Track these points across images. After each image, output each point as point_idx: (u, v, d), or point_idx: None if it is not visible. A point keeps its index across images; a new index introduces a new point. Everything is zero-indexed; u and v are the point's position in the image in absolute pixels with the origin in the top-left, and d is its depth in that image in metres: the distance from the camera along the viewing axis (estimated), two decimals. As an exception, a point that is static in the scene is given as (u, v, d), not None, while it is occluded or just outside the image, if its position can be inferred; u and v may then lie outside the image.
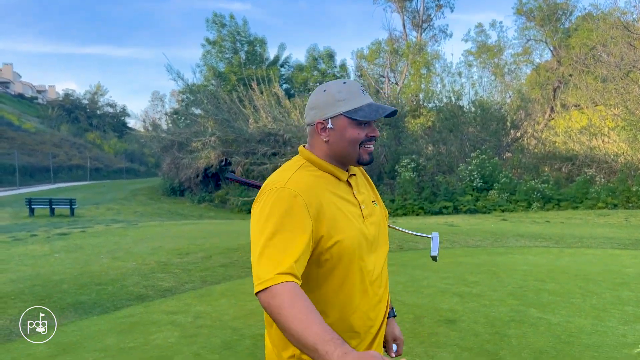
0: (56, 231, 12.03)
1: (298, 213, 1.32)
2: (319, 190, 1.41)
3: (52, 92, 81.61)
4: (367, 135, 1.47)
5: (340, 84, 1.48)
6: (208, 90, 30.49)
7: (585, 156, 21.26)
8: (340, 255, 1.38)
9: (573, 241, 9.46)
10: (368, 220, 1.51)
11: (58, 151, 48.15)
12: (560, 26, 30.33)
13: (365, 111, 1.44)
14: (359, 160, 1.49)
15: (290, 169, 1.46)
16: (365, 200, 1.56)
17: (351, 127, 1.45)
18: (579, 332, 4.33)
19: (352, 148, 1.46)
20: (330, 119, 1.46)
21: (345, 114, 1.44)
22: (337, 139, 1.46)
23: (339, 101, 1.45)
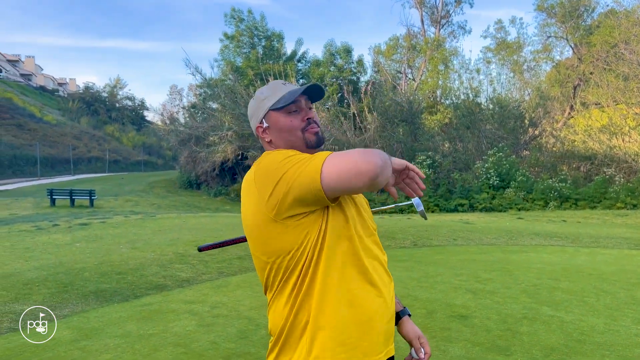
0: (77, 221, 12.30)
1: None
2: None
3: (72, 85, 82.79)
4: (303, 119, 1.49)
5: (264, 87, 1.56)
6: (225, 85, 30.67)
7: (605, 155, 20.98)
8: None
9: (589, 241, 9.42)
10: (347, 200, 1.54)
11: (78, 143, 48.91)
12: (582, 23, 29.90)
13: (285, 97, 1.48)
14: (307, 144, 1.48)
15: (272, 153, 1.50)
16: None
17: (282, 117, 1.48)
18: (591, 331, 4.36)
19: (293, 136, 1.48)
20: (263, 119, 1.51)
21: (271, 107, 1.48)
22: (277, 134, 1.49)
23: (264, 100, 1.51)
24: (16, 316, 4.71)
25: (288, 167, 1.31)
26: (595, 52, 25.17)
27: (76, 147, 47.09)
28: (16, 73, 67.55)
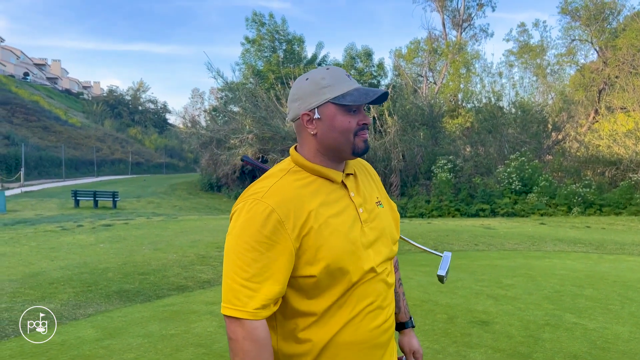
0: (100, 222, 12.53)
1: (272, 234, 1.20)
2: (302, 202, 1.27)
3: (96, 88, 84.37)
4: (359, 123, 1.34)
5: (324, 71, 1.35)
6: (246, 89, 30.95)
7: (631, 160, 20.57)
8: (328, 277, 1.26)
9: (614, 247, 9.25)
10: (367, 226, 1.36)
11: (101, 145, 49.85)
12: (607, 26, 29.40)
13: (354, 95, 1.31)
14: (354, 150, 1.35)
15: (275, 176, 1.33)
16: (366, 202, 1.41)
17: (341, 115, 1.31)
18: (615, 339, 4.28)
19: (344, 138, 1.32)
20: (316, 108, 1.32)
21: (333, 100, 1.30)
22: (327, 130, 1.32)
23: (324, 87, 1.31)
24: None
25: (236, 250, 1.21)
26: (620, 56, 24.74)
27: (100, 149, 48.00)
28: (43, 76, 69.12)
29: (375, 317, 1.35)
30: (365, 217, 1.37)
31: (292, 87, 1.38)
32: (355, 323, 1.30)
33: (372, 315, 1.34)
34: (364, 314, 1.32)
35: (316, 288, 1.27)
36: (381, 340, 1.37)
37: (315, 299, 1.28)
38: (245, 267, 1.19)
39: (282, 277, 1.21)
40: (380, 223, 1.41)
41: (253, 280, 1.18)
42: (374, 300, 1.34)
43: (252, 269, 1.18)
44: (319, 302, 1.28)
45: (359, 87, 1.34)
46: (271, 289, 1.19)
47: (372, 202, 1.43)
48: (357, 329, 1.30)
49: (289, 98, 1.39)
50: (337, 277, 1.26)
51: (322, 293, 1.27)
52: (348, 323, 1.29)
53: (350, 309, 1.30)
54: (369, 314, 1.33)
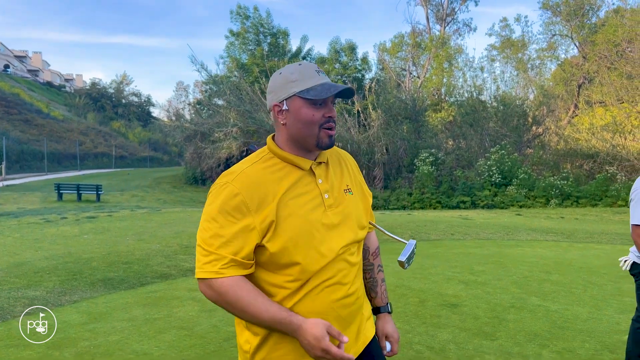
0: (84, 215, 12.59)
1: (235, 212, 1.37)
2: (267, 186, 1.41)
3: (79, 81, 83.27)
4: (324, 115, 1.44)
5: (295, 66, 1.47)
6: (231, 82, 30.94)
7: (607, 154, 21.09)
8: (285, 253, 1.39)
9: (584, 236, 9.61)
10: (331, 211, 1.48)
11: (84, 139, 49.37)
12: (587, 21, 29.90)
13: (318, 90, 1.42)
14: (318, 143, 1.46)
15: (248, 161, 1.49)
16: (333, 189, 1.52)
17: (306, 108, 1.43)
18: (574, 319, 4.57)
19: (308, 130, 1.44)
20: (284, 100, 1.45)
21: (298, 94, 1.42)
22: (293, 121, 1.44)
23: (292, 82, 1.44)
24: (28, 301, 4.97)
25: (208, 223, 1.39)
26: (599, 51, 25.23)
27: (83, 143, 47.56)
28: (23, 69, 68.09)
29: (334, 291, 1.45)
30: (330, 202, 1.48)
31: (269, 81, 1.53)
32: (312, 295, 1.42)
33: (331, 289, 1.44)
34: (321, 287, 1.43)
35: (275, 262, 1.40)
36: (341, 314, 1.47)
37: (276, 273, 1.42)
38: (212, 241, 1.36)
39: (240, 248, 1.36)
40: (345, 208, 1.52)
41: (219, 249, 1.35)
42: (332, 276, 1.44)
43: (218, 242, 1.36)
44: (279, 275, 1.42)
45: (325, 82, 1.44)
46: (232, 255, 1.35)
47: (340, 189, 1.54)
48: (314, 301, 1.42)
49: (267, 90, 1.52)
50: (293, 253, 1.39)
51: (282, 267, 1.41)
52: (306, 295, 1.42)
53: (309, 283, 1.42)
54: (327, 288, 1.44)
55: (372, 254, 1.74)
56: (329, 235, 1.45)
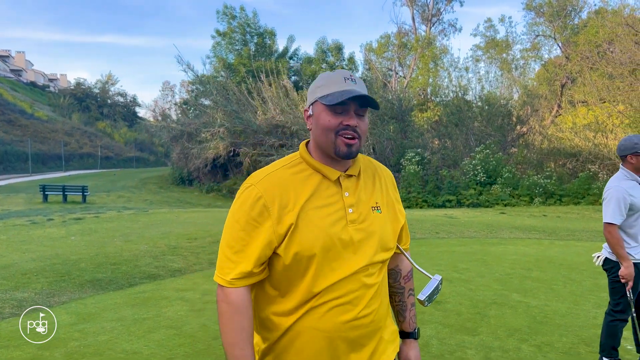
0: (71, 216, 12.55)
1: (258, 216, 1.36)
2: (289, 191, 1.39)
3: (63, 81, 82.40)
4: (342, 123, 1.39)
5: (328, 73, 1.46)
6: (217, 82, 30.92)
7: (590, 152, 21.43)
8: (297, 263, 1.37)
9: (565, 234, 9.82)
10: (353, 226, 1.41)
11: (69, 139, 48.93)
12: (569, 22, 30.38)
13: (335, 95, 1.38)
14: (336, 151, 1.40)
15: (276, 165, 1.47)
16: (359, 203, 1.45)
17: (324, 113, 1.40)
18: (553, 314, 4.72)
19: (325, 136, 1.40)
20: (310, 105, 1.46)
21: (319, 99, 1.41)
22: (314, 127, 1.44)
23: (318, 87, 1.43)
24: (17, 302, 5.00)
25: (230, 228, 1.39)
26: (581, 51, 25.62)
27: (68, 144, 47.14)
28: (6, 69, 67.18)
29: (344, 311, 1.39)
30: (353, 217, 1.42)
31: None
32: (319, 312, 1.38)
33: (340, 309, 1.39)
34: (330, 305, 1.38)
35: (287, 270, 1.39)
36: (349, 335, 1.41)
37: (286, 282, 1.41)
38: (233, 243, 1.38)
39: (256, 257, 1.36)
40: (370, 226, 1.44)
41: (236, 255, 1.37)
42: (343, 295, 1.39)
43: (238, 245, 1.37)
44: (288, 285, 1.41)
45: (347, 90, 1.39)
46: (246, 266, 1.36)
47: (367, 204, 1.47)
48: (319, 318, 1.38)
49: None
50: (305, 265, 1.37)
51: (292, 278, 1.39)
52: (311, 310, 1.39)
53: (316, 299, 1.38)
54: (336, 307, 1.39)
55: (404, 277, 1.70)
56: (345, 252, 1.40)
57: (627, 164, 3.27)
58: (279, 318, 1.44)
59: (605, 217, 3.23)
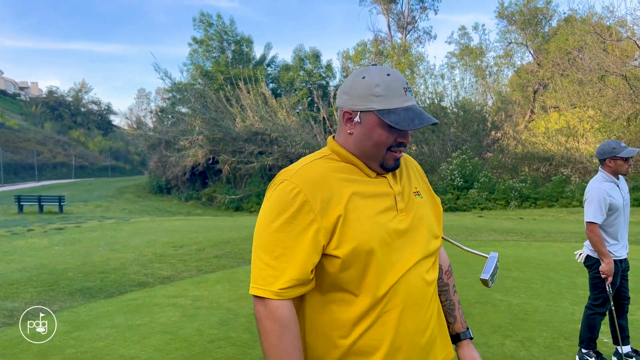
0: (51, 226, 12.44)
1: (298, 213, 1.20)
2: (331, 183, 1.25)
3: (35, 89, 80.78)
4: (397, 140, 1.29)
5: (383, 76, 1.28)
6: (195, 89, 30.87)
7: (562, 157, 22.07)
8: (355, 260, 1.22)
9: (542, 235, 10.15)
10: (403, 214, 1.31)
11: (42, 149, 48.06)
12: (540, 30, 31.24)
13: (401, 116, 1.25)
14: (382, 164, 1.31)
15: (308, 158, 1.34)
16: (404, 191, 1.37)
17: (380, 128, 1.26)
18: (533, 311, 4.94)
19: (377, 151, 1.29)
20: (359, 112, 1.28)
21: (377, 112, 1.25)
22: (362, 137, 1.29)
23: (374, 96, 1.26)
24: (8, 312, 5.01)
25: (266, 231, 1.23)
26: (552, 58, 26.37)
27: (40, 153, 46.29)
28: (-24, 77, 65.73)
29: (411, 315, 1.28)
30: (402, 206, 1.32)
31: (349, 77, 1.35)
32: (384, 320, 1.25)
33: (407, 313, 1.27)
34: (396, 310, 1.25)
35: (344, 270, 1.23)
36: (419, 342, 1.30)
37: (342, 288, 1.25)
38: (272, 247, 1.20)
39: (304, 261, 1.19)
40: (417, 212, 1.36)
41: (279, 260, 1.19)
42: (408, 295, 1.27)
43: (278, 249, 1.19)
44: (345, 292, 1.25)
45: (410, 107, 1.27)
46: (294, 272, 1.18)
47: (409, 191, 1.39)
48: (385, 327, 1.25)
49: (342, 86, 1.35)
50: (365, 263, 1.22)
51: (350, 282, 1.24)
52: (377, 320, 1.24)
53: (380, 304, 1.24)
54: (403, 311, 1.26)
55: (446, 273, 1.56)
56: (401, 244, 1.28)
57: (605, 167, 3.49)
58: (338, 335, 1.25)
59: (587, 217, 3.44)
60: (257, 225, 1.26)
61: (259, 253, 1.22)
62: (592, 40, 21.54)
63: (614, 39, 20.29)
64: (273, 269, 1.19)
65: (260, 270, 1.21)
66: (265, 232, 1.22)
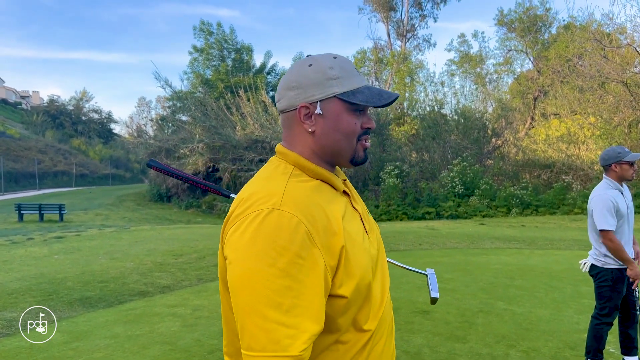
0: (51, 235, 12.38)
1: (302, 250, 0.97)
2: (323, 209, 1.06)
3: (36, 98, 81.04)
4: (363, 126, 1.15)
5: (331, 59, 1.14)
6: (195, 97, 30.92)
7: (563, 164, 22.04)
8: (359, 297, 1.07)
9: (544, 243, 10.10)
10: (371, 237, 1.19)
11: (43, 157, 48.11)
12: (540, 37, 31.33)
13: (366, 94, 1.12)
14: (353, 158, 1.16)
15: (278, 179, 1.09)
16: (365, 211, 1.24)
17: (347, 114, 1.11)
18: (538, 321, 4.88)
19: (347, 142, 1.13)
20: (319, 102, 1.11)
21: (340, 96, 1.10)
22: (329, 130, 1.12)
23: (332, 79, 1.11)
24: (7, 322, 4.95)
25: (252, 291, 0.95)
26: (552, 65, 26.41)
27: (41, 161, 46.33)
28: (-23, 86, 65.95)
29: (390, 341, 1.20)
30: (367, 227, 1.20)
31: (290, 72, 1.17)
32: (376, 353, 1.13)
33: (389, 340, 1.18)
34: (383, 341, 1.15)
35: (346, 311, 1.05)
36: None
37: (342, 324, 1.07)
38: (279, 299, 0.93)
39: (320, 307, 0.98)
40: (377, 234, 1.25)
41: (291, 313, 0.94)
42: (386, 324, 1.17)
43: (287, 299, 0.94)
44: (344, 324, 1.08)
45: (369, 85, 1.16)
46: (313, 325, 0.96)
47: (365, 210, 1.26)
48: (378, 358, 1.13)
49: (283, 84, 1.16)
50: (364, 296, 1.08)
51: (345, 320, 1.07)
52: (370, 353, 1.11)
53: (373, 337, 1.12)
54: (382, 340, 1.15)
55: None
56: (378, 271, 1.17)
57: (611, 173, 3.44)
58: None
59: (599, 225, 3.37)
60: (246, 273, 0.96)
61: (260, 310, 0.93)
62: (592, 47, 21.56)
63: (614, 46, 20.30)
64: (287, 328, 0.93)
65: (269, 331, 0.93)
66: (265, 281, 0.94)
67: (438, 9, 36.27)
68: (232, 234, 1.01)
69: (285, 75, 1.17)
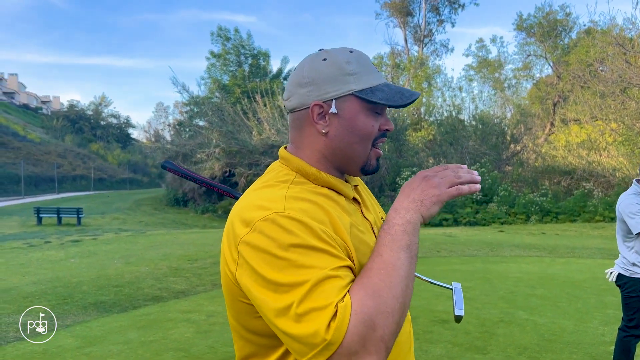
0: (68, 238, 12.47)
1: (323, 232, 0.89)
2: (328, 210, 0.96)
3: (56, 103, 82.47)
4: (381, 128, 1.04)
5: (347, 53, 1.03)
6: (212, 103, 31.09)
7: (584, 170, 21.66)
8: None
9: (565, 251, 9.86)
10: None
11: (62, 161, 48.82)
12: (560, 42, 30.92)
13: (386, 92, 1.00)
14: (365, 166, 1.05)
15: (277, 186, 0.99)
16: (376, 220, 1.12)
17: (365, 115, 1.00)
18: (561, 332, 4.72)
19: (361, 146, 1.02)
20: (334, 100, 0.99)
21: (358, 94, 0.99)
22: (343, 131, 1.00)
23: (349, 75, 0.99)
24: (22, 326, 4.94)
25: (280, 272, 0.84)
26: (572, 71, 26.02)
27: (61, 166, 47.01)
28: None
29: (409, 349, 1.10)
30: None
31: (301, 67, 1.05)
32: None
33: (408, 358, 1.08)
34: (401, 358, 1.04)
35: None
36: None
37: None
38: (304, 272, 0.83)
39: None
40: None
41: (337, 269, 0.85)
42: (407, 339, 1.09)
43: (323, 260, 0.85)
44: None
45: (388, 83, 1.04)
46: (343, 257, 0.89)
47: (379, 220, 1.14)
48: None
49: (294, 80, 1.04)
50: None
51: None
52: None
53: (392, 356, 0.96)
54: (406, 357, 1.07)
55: None
56: None
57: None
58: None
59: (635, 229, 3.22)
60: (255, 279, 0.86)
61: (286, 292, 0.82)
62: (613, 51, 21.18)
63: (637, 51, 19.90)
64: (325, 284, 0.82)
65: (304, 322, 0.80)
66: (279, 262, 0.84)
67: (456, 14, 36.09)
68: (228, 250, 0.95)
69: (296, 70, 1.06)
